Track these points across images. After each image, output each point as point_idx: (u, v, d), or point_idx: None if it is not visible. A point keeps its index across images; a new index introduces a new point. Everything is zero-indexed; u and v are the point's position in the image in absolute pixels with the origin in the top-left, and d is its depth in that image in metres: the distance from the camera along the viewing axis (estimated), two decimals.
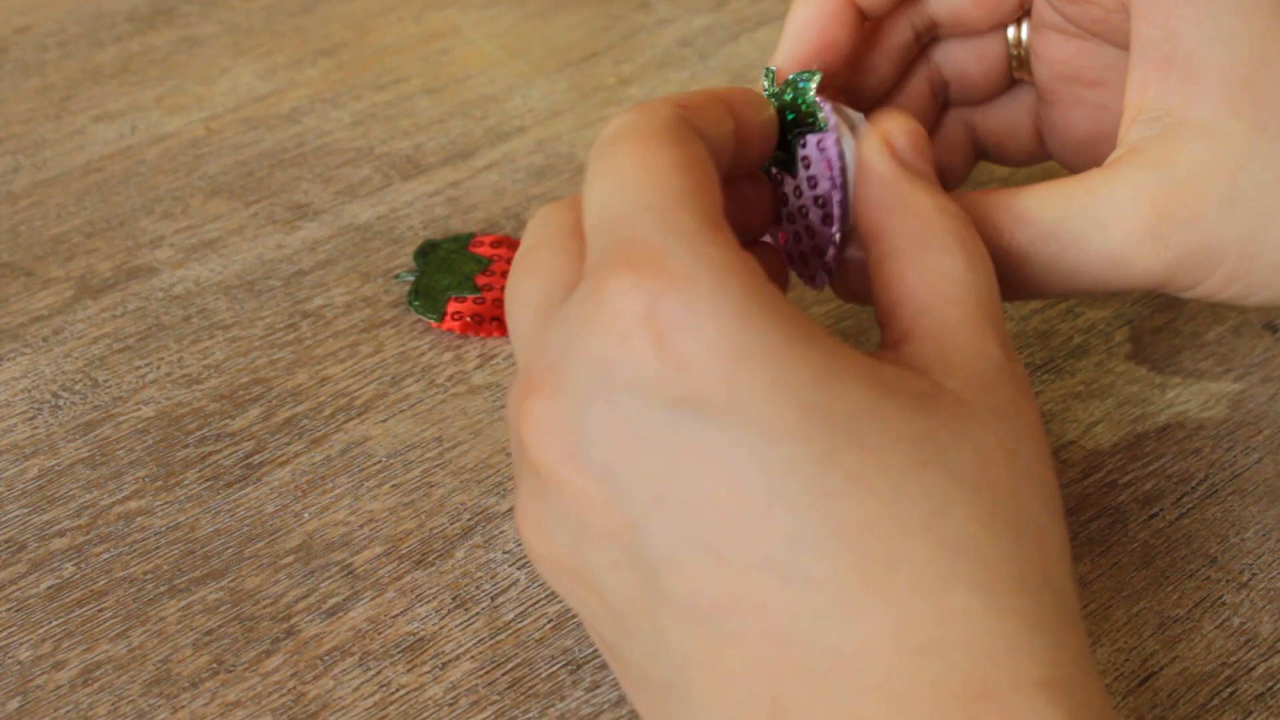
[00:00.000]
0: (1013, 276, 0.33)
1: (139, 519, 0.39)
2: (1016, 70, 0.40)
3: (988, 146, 0.42)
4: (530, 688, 0.35)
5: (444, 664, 0.36)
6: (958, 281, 0.29)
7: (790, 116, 0.34)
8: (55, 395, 0.43)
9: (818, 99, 0.34)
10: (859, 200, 0.32)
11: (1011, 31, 0.39)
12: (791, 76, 0.34)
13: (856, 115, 0.34)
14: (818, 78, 0.34)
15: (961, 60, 0.40)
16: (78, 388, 0.43)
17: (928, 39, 0.40)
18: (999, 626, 0.25)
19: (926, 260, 0.30)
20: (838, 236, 0.34)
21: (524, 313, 0.30)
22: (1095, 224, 0.33)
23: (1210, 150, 0.32)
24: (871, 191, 0.32)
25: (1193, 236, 0.32)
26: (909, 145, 0.32)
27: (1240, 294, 0.34)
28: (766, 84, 0.35)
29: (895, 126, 0.33)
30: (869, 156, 0.32)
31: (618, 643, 0.29)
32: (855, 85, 0.39)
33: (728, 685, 0.26)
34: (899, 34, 0.39)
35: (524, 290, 0.30)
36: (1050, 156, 0.41)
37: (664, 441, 0.26)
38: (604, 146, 0.29)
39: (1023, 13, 0.39)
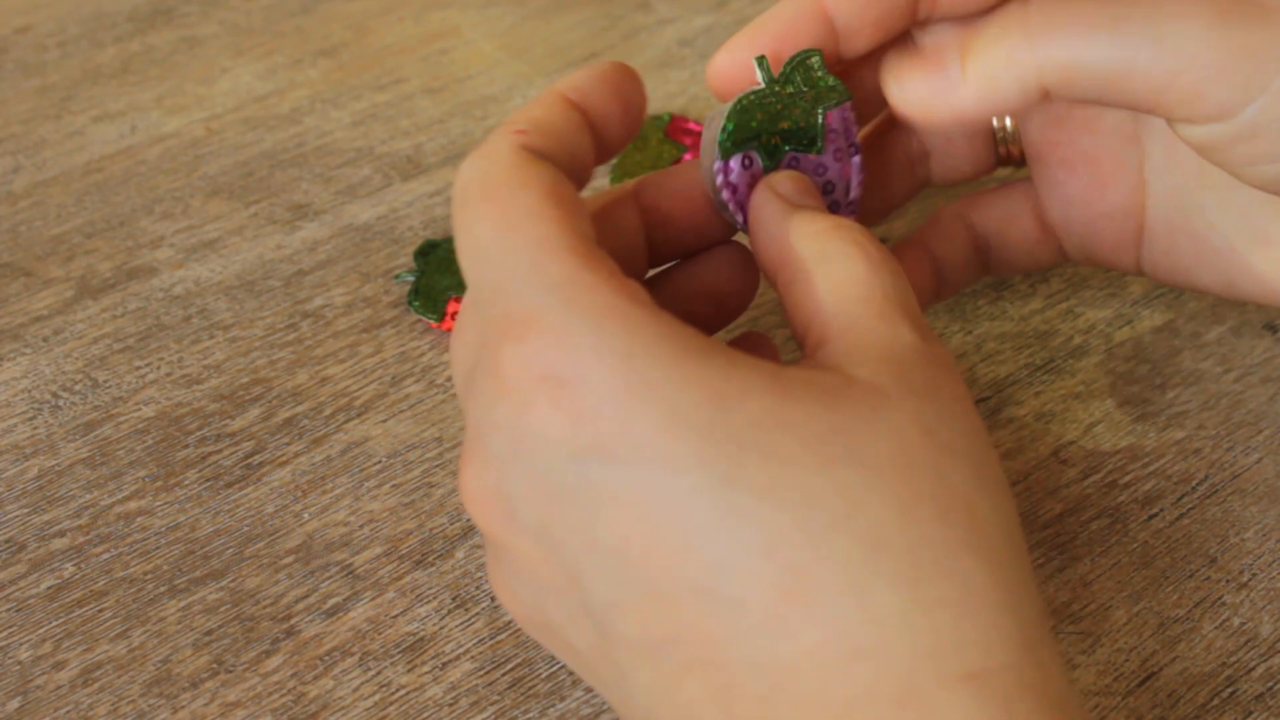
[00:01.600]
0: (1060, 30, 0.32)
1: (139, 519, 0.39)
2: (1002, 147, 0.40)
3: (990, 244, 0.41)
4: (530, 688, 0.35)
5: (444, 664, 0.36)
6: (861, 282, 0.30)
7: (810, 94, 0.34)
8: (55, 395, 0.43)
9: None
10: (756, 240, 0.33)
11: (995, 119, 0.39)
12: (796, 56, 0.34)
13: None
14: (820, 54, 0.34)
15: (943, 138, 0.40)
16: (78, 388, 0.43)
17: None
18: (923, 620, 0.25)
19: (828, 271, 0.30)
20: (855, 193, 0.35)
21: (457, 378, 0.31)
22: (1150, 20, 0.31)
23: None
24: (766, 229, 0.32)
25: (1255, 34, 0.31)
26: (794, 189, 0.33)
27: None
28: (762, 74, 0.34)
29: (779, 177, 0.33)
30: (759, 200, 0.33)
31: (596, 686, 0.30)
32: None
33: (689, 715, 0.27)
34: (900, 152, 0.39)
35: (454, 354, 0.31)
36: (1063, 253, 0.41)
37: (579, 493, 0.27)
38: (456, 211, 0.29)
39: None
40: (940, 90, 0.33)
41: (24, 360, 0.44)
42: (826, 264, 0.30)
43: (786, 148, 0.34)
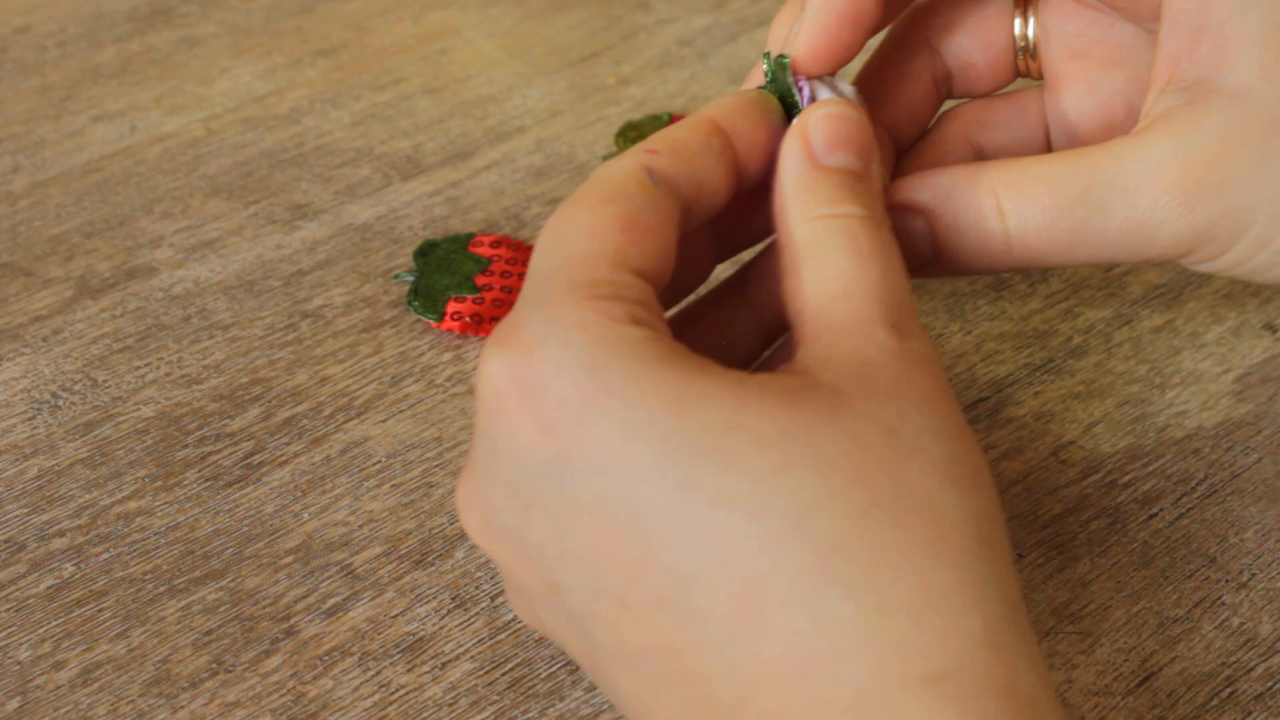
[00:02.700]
0: (1039, 245, 0.33)
1: (139, 519, 0.39)
2: (1021, 62, 0.40)
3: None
4: (530, 688, 0.35)
5: (444, 664, 0.36)
6: (844, 279, 0.29)
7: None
8: (55, 395, 0.43)
9: (794, 80, 0.34)
10: (775, 205, 0.32)
11: (1018, 26, 0.39)
12: (776, 57, 0.34)
13: (848, 88, 0.34)
14: (787, 60, 0.34)
15: (966, 51, 0.40)
16: (77, 388, 0.43)
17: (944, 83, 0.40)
18: (880, 626, 0.25)
19: (816, 266, 0.30)
20: None
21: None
22: (1122, 191, 0.32)
23: (1240, 114, 0.32)
24: (781, 195, 0.32)
25: (1221, 201, 0.32)
26: (827, 137, 0.32)
27: (1264, 264, 0.33)
28: (766, 67, 0.34)
29: (815, 117, 0.32)
30: (785, 157, 0.32)
31: (598, 685, 0.30)
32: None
33: None
34: (920, 84, 0.39)
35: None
36: None
37: (548, 501, 0.27)
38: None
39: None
40: (906, 254, 0.33)
41: (23, 360, 0.44)
42: (815, 258, 0.30)
43: None
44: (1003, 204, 0.33)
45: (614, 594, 0.27)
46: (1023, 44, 0.39)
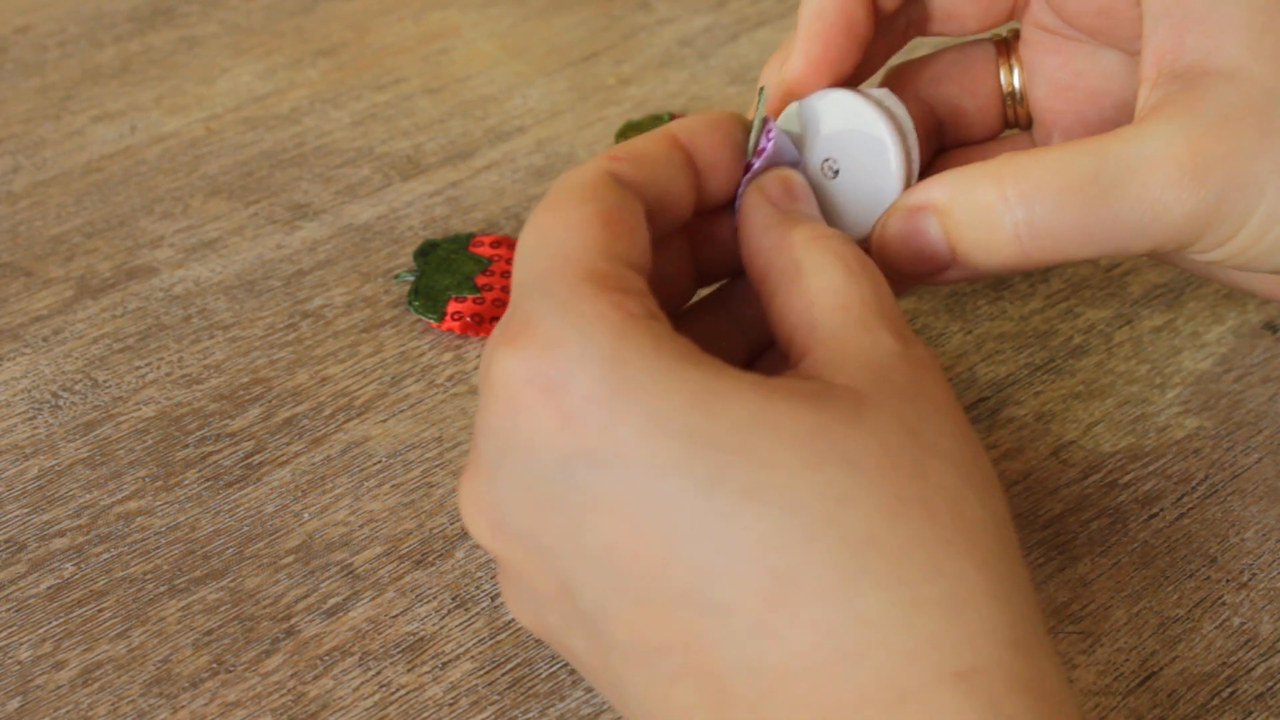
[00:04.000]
0: (1051, 234, 0.33)
1: (139, 519, 0.39)
2: (1009, 109, 0.40)
3: (944, 121, 0.41)
4: (530, 688, 0.35)
5: (444, 664, 0.36)
6: (839, 291, 0.30)
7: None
8: (55, 395, 0.43)
9: (765, 117, 0.34)
10: (743, 250, 0.33)
11: (1003, 74, 0.39)
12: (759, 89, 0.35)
13: (880, 92, 0.35)
14: (762, 91, 0.35)
15: (956, 99, 0.40)
16: (78, 388, 0.43)
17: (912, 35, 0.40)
18: (913, 620, 0.25)
19: (808, 283, 0.30)
20: None
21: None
22: (1131, 169, 0.32)
23: (1239, 91, 0.32)
24: (751, 239, 0.33)
25: (1231, 171, 0.32)
26: (781, 191, 0.33)
27: (1274, 245, 0.33)
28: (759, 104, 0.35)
29: (767, 179, 0.34)
30: (748, 207, 0.33)
31: (598, 689, 0.30)
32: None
33: None
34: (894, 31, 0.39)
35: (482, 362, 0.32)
36: (1018, 124, 0.41)
37: (565, 498, 0.27)
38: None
39: (1015, 16, 0.39)
40: (925, 258, 0.34)
41: (24, 360, 0.44)
42: (806, 275, 0.30)
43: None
44: (1010, 193, 0.33)
45: (632, 591, 0.27)
46: (1009, 90, 0.39)
